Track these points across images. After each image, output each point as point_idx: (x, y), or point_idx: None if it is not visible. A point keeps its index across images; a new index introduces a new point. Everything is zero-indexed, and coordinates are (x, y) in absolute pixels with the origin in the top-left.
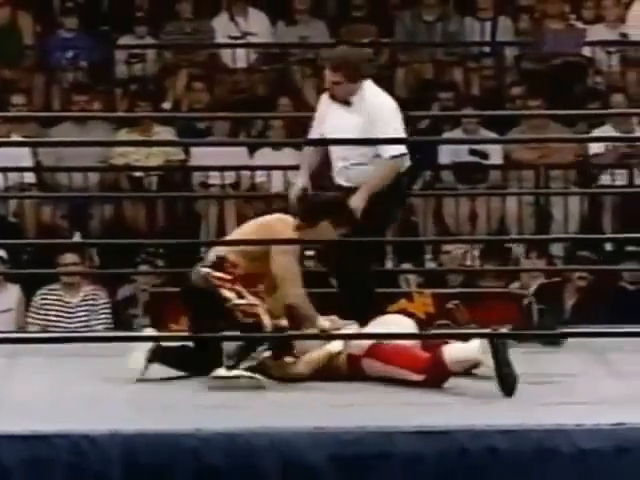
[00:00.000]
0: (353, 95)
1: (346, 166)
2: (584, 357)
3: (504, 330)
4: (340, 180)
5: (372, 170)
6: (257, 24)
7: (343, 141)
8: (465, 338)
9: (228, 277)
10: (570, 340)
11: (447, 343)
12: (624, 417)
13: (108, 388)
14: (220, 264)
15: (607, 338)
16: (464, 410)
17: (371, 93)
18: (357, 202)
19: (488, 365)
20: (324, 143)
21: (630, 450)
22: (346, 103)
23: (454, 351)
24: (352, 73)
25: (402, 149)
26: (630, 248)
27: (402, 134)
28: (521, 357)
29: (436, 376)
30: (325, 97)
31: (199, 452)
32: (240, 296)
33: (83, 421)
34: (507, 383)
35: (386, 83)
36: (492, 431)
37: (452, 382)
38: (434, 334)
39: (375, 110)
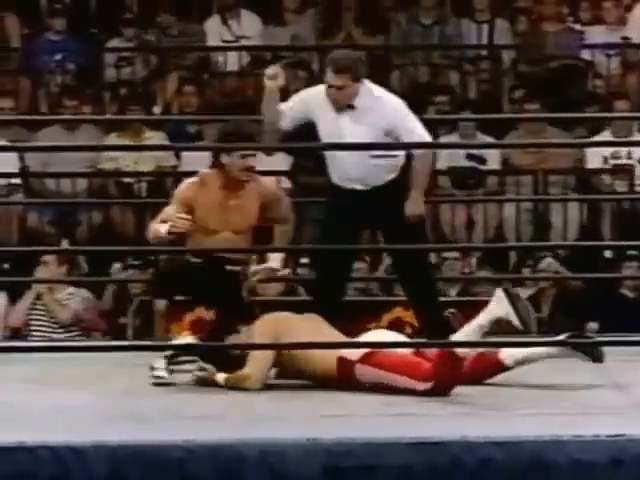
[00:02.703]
0: (355, 98)
1: (364, 170)
2: (581, 366)
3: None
4: (355, 185)
5: (415, 166)
6: (249, 26)
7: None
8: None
9: None
10: None
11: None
12: (622, 428)
13: (92, 398)
14: None
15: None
16: (458, 421)
17: (377, 96)
18: (417, 208)
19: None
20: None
21: (628, 462)
22: (349, 107)
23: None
24: (356, 74)
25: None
26: (631, 252)
27: (422, 128)
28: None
29: (443, 381)
30: (311, 99)
31: (186, 464)
32: None
33: (67, 432)
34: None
35: (380, 86)
36: (487, 442)
37: None
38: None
39: (392, 114)
